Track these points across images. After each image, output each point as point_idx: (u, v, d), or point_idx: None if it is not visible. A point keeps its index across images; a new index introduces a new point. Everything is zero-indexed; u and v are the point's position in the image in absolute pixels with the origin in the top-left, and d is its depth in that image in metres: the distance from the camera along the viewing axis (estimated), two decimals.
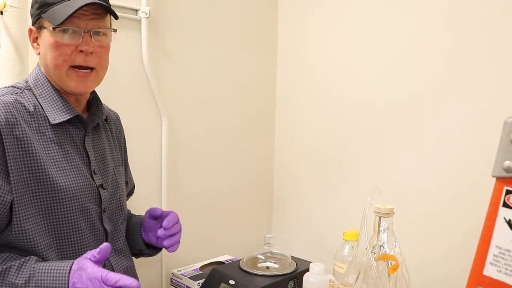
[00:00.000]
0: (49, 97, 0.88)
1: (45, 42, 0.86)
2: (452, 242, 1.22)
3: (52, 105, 0.87)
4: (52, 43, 0.84)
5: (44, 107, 0.87)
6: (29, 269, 0.78)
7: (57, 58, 0.85)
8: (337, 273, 1.21)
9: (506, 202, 0.62)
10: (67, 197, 0.85)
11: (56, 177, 0.84)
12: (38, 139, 0.84)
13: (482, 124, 1.16)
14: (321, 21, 1.55)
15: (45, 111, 0.86)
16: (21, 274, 0.78)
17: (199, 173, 1.50)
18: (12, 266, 0.79)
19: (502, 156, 0.63)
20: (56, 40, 0.84)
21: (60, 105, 0.88)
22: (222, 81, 1.55)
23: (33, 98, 0.87)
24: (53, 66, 0.85)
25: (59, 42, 0.84)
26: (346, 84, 1.48)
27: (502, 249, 0.61)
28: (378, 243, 0.97)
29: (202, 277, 1.28)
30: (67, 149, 0.88)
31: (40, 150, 0.83)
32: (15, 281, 0.77)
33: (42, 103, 0.87)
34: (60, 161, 0.86)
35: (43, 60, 0.88)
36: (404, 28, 1.32)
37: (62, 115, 0.87)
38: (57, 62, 0.85)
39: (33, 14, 0.87)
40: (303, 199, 1.64)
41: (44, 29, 0.85)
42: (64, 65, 0.85)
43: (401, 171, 1.33)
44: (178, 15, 1.40)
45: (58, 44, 0.84)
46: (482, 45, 1.16)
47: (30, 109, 0.85)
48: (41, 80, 0.89)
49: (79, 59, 0.85)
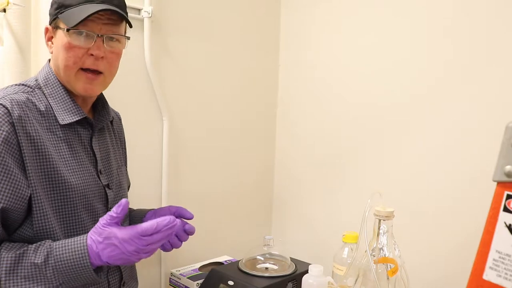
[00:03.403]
0: (59, 97, 0.88)
1: (58, 43, 0.87)
2: (451, 245, 1.22)
3: (62, 106, 0.88)
4: (65, 44, 0.85)
5: (53, 107, 0.87)
6: (46, 248, 0.78)
7: (68, 59, 0.85)
8: (336, 275, 1.21)
9: (506, 206, 0.62)
10: (77, 195, 0.86)
11: (67, 176, 0.85)
12: (49, 137, 0.85)
13: (483, 127, 1.16)
14: (323, 22, 1.55)
15: (54, 111, 0.87)
16: (39, 254, 0.77)
17: (200, 173, 1.50)
18: (29, 248, 0.78)
19: (503, 160, 0.63)
20: (69, 41, 0.85)
21: (70, 106, 0.89)
22: (223, 81, 1.55)
23: (43, 97, 0.88)
24: (64, 66, 0.86)
25: (71, 43, 0.85)
26: (347, 86, 1.48)
27: (502, 254, 0.62)
28: (378, 246, 0.97)
29: (201, 278, 1.28)
30: (76, 149, 0.89)
31: (51, 148, 0.84)
32: (34, 260, 0.77)
33: (52, 103, 0.88)
34: (69, 160, 0.87)
35: (55, 59, 0.89)
36: (406, 30, 1.32)
37: (70, 116, 0.88)
38: (68, 63, 0.86)
39: (51, 13, 0.88)
40: (303, 201, 1.64)
41: (59, 29, 0.86)
42: (74, 67, 0.86)
43: (402, 174, 1.33)
44: (180, 15, 1.40)
45: (70, 46, 0.85)
46: (484, 47, 1.16)
47: (41, 109, 0.86)
48: (51, 79, 0.89)
49: (89, 62, 0.86)
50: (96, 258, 0.78)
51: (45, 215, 0.81)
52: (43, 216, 0.81)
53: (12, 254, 0.76)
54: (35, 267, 0.76)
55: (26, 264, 0.76)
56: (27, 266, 0.76)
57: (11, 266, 0.75)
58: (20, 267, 0.76)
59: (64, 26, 0.84)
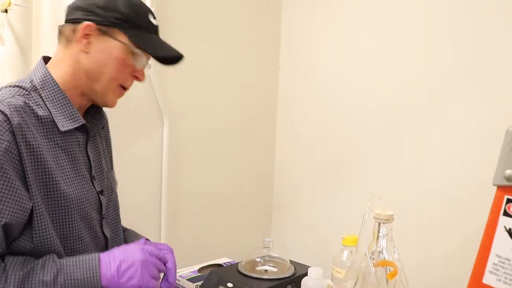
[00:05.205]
0: (58, 101, 0.84)
1: (108, 51, 0.84)
2: (451, 249, 1.22)
3: (61, 111, 0.84)
4: (121, 58, 0.85)
5: (52, 112, 0.83)
6: (54, 265, 0.77)
7: (117, 73, 0.86)
8: (335, 278, 1.21)
9: (506, 210, 0.62)
10: (73, 205, 0.84)
11: (64, 186, 0.82)
12: (47, 145, 0.81)
13: (483, 130, 1.16)
14: (324, 24, 1.56)
15: (53, 116, 0.83)
16: (47, 271, 0.76)
17: (200, 174, 1.50)
18: (36, 265, 0.77)
19: (503, 164, 0.63)
20: (126, 58, 0.85)
21: (70, 111, 0.85)
22: (224, 83, 1.55)
23: (40, 101, 0.83)
24: (109, 78, 0.85)
25: (127, 61, 0.85)
26: (347, 88, 1.48)
27: (502, 258, 0.61)
28: (377, 249, 0.97)
29: (200, 279, 1.28)
30: (74, 156, 0.87)
31: (49, 157, 0.81)
32: (43, 278, 0.76)
33: (50, 107, 0.83)
34: (67, 168, 0.84)
35: (88, 62, 0.85)
36: (406, 32, 1.32)
37: (71, 122, 0.85)
38: (116, 76, 0.86)
39: (104, 17, 0.84)
40: (302, 203, 1.64)
41: (113, 39, 0.84)
42: (118, 82, 0.87)
43: (402, 177, 1.33)
44: (181, 17, 1.40)
45: (125, 63, 0.86)
46: (484, 51, 1.16)
47: (39, 113, 0.81)
48: (49, 81, 0.84)
49: (129, 82, 0.89)
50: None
51: (45, 227, 0.80)
52: (44, 228, 0.79)
53: (20, 272, 0.75)
54: (45, 285, 0.76)
55: (35, 282, 0.75)
56: (36, 283, 0.75)
57: (20, 285, 0.74)
58: (29, 284, 0.75)
59: (127, 41, 0.84)
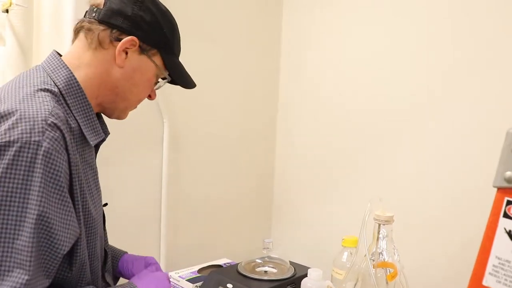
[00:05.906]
0: (85, 112, 0.76)
1: (140, 71, 0.82)
2: (451, 251, 1.22)
3: (88, 123, 0.76)
4: (151, 79, 0.85)
5: (80, 123, 0.75)
6: None
7: (145, 94, 0.87)
8: (335, 279, 1.21)
9: (506, 212, 0.62)
10: (97, 227, 0.79)
11: (91, 207, 0.77)
12: (80, 161, 0.74)
13: (483, 132, 1.16)
14: (324, 27, 1.56)
15: (82, 128, 0.75)
16: None
17: (200, 176, 1.50)
18: None
19: (503, 166, 0.63)
20: (154, 80, 0.86)
21: (93, 123, 0.78)
22: (224, 85, 1.55)
23: (68, 109, 0.73)
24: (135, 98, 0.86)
25: (153, 82, 0.87)
26: (348, 92, 1.48)
27: (502, 260, 0.61)
28: (377, 250, 0.97)
29: (199, 280, 1.28)
30: (95, 170, 0.82)
31: (83, 176, 0.74)
32: None
33: (78, 117, 0.75)
34: (92, 187, 0.79)
35: (115, 75, 0.80)
36: (407, 32, 1.32)
37: (96, 135, 0.79)
38: (142, 97, 0.88)
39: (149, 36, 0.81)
40: (302, 204, 1.64)
41: (150, 60, 0.83)
42: (140, 101, 0.88)
43: (402, 179, 1.33)
44: (181, 17, 1.40)
45: (151, 83, 0.87)
46: (484, 53, 1.16)
47: (72, 125, 0.72)
48: (74, 87, 0.75)
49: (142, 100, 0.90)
50: None
51: (84, 253, 0.74)
52: (83, 254, 0.73)
53: None
54: None
55: None
56: None
57: None
58: None
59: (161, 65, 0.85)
